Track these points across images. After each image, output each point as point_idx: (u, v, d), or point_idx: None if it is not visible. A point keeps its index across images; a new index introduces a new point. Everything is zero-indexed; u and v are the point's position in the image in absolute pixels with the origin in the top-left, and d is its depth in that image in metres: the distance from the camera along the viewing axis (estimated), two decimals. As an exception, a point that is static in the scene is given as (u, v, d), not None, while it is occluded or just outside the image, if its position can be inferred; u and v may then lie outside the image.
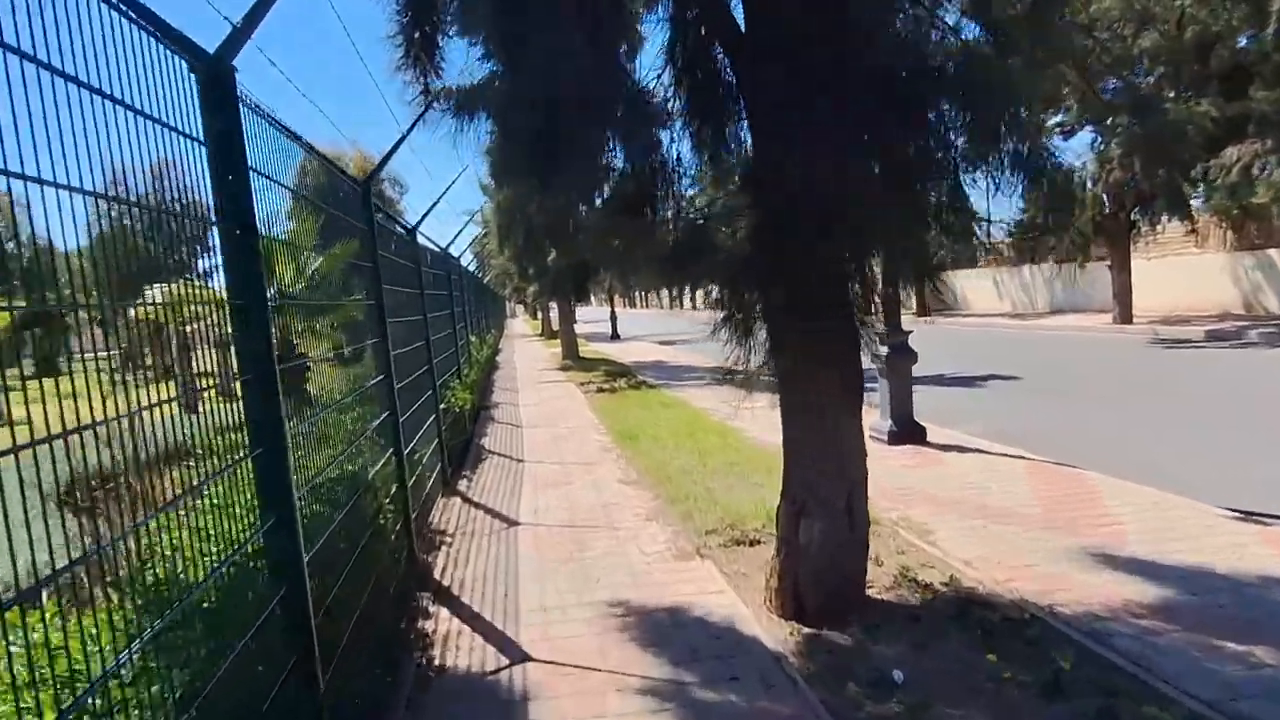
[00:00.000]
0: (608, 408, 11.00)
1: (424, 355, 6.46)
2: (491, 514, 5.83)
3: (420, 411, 5.93)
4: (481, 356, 14.29)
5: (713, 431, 8.53)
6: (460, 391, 8.08)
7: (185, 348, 2.15)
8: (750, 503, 5.56)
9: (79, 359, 1.67)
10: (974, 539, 4.76)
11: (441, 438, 6.61)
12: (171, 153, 1.91)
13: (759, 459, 6.97)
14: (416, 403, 5.65)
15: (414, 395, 5.79)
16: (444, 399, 7.49)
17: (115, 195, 1.68)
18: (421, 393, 6.14)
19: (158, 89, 1.85)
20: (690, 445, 7.82)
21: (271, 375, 2.27)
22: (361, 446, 3.74)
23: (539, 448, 8.43)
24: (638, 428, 9.03)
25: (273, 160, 2.64)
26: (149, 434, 1.68)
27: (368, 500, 3.50)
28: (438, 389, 6.73)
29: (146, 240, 1.91)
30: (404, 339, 5.86)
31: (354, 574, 3.02)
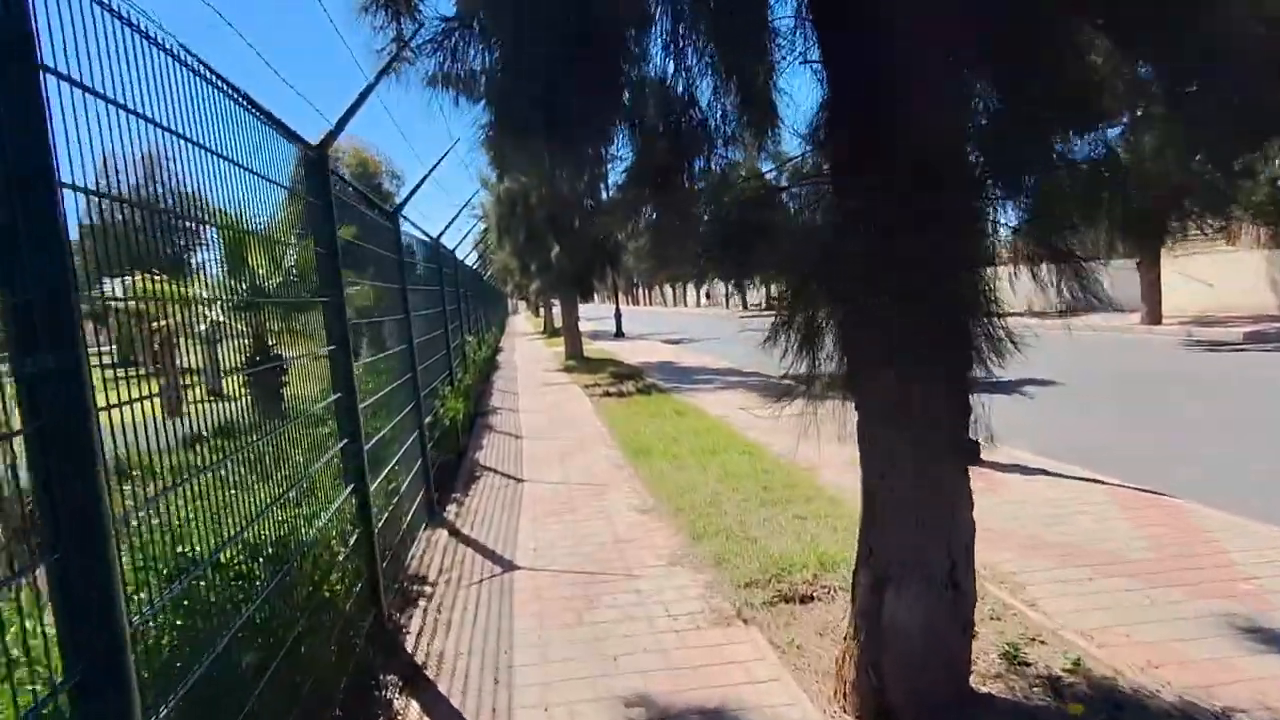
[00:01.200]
0: (616, 415, 10.05)
1: (405, 361, 5.52)
2: (483, 553, 4.89)
3: (399, 430, 5.00)
4: (480, 358, 13.35)
5: (735, 446, 7.58)
6: (452, 401, 7.15)
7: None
8: (794, 542, 4.61)
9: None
10: (1084, 598, 3.80)
11: (426, 457, 5.67)
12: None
13: (795, 482, 6.02)
14: (392, 421, 4.71)
15: (390, 411, 4.86)
16: (432, 410, 6.55)
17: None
18: (401, 407, 5.20)
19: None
20: (711, 463, 6.87)
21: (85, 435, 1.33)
22: (300, 488, 2.80)
23: (541, 464, 7.48)
24: (651, 440, 8.08)
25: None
26: None
27: (304, 573, 2.56)
28: (423, 400, 5.79)
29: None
30: (378, 343, 4.91)
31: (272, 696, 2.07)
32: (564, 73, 2.68)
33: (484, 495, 6.36)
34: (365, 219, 4.56)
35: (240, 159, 2.61)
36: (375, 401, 4.45)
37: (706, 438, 8.07)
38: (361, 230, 4.47)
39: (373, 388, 4.59)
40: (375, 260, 5.28)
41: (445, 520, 5.65)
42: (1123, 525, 4.83)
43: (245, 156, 2.67)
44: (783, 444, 7.63)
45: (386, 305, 5.30)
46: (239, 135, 2.61)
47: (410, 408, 5.51)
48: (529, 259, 18.81)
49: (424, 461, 5.64)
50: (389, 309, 5.34)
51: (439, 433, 6.71)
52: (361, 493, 3.54)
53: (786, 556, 4.35)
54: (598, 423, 9.73)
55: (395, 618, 3.84)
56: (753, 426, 8.86)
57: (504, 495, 6.30)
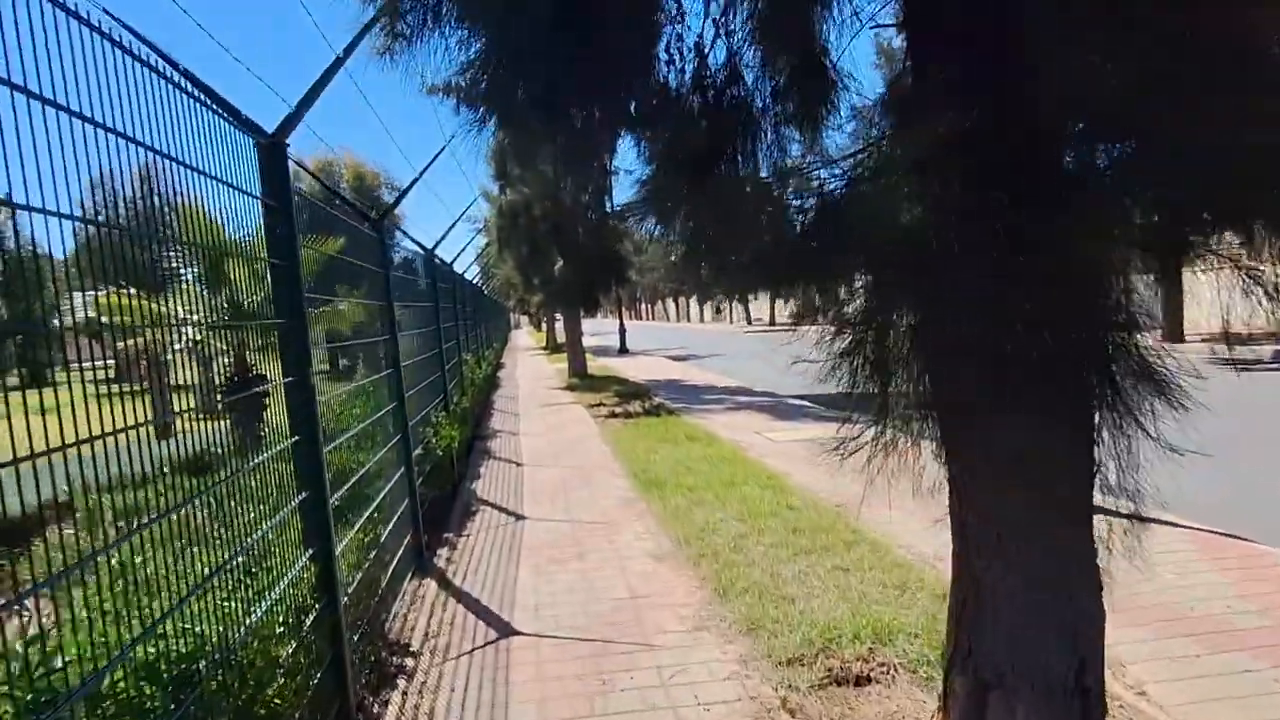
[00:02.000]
0: (624, 440, 9.40)
1: (391, 389, 4.89)
2: (477, 611, 4.22)
3: (382, 467, 4.36)
4: (479, 377, 12.72)
5: (754, 476, 6.92)
6: (446, 428, 6.51)
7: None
8: (839, 603, 3.95)
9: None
10: (1201, 684, 3.14)
11: (415, 496, 5.02)
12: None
13: (827, 522, 5.36)
14: (373, 459, 4.07)
15: (371, 446, 4.22)
16: (423, 441, 5.91)
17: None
18: (385, 441, 4.57)
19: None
20: (731, 497, 6.21)
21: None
22: (235, 566, 2.16)
23: (543, 496, 6.83)
24: (663, 470, 7.42)
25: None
26: None
27: (226, 689, 1.91)
28: (412, 430, 5.15)
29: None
30: (360, 369, 4.29)
31: None
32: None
33: (480, 536, 5.70)
34: (338, 224, 3.94)
35: (165, 147, 2.00)
36: (351, 438, 3.82)
37: (723, 467, 7.41)
38: (338, 239, 3.86)
39: (348, 422, 3.95)
40: (355, 275, 4.67)
41: (435, 568, 4.99)
42: (1217, 581, 4.17)
43: (173, 145, 2.06)
44: (805, 475, 6.99)
45: (368, 326, 4.68)
46: (169, 119, 2.01)
47: (396, 440, 4.87)
48: (531, 272, 18.24)
49: (412, 501, 4.99)
50: (372, 330, 4.73)
51: (431, 464, 6.07)
52: (324, 557, 2.89)
53: (833, 624, 3.69)
54: (604, 448, 9.07)
55: (367, 703, 3.18)
56: (770, 453, 8.21)
57: (502, 536, 5.64)
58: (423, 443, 5.82)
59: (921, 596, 3.99)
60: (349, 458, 3.78)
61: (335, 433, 3.48)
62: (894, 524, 5.35)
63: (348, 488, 3.49)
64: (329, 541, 2.93)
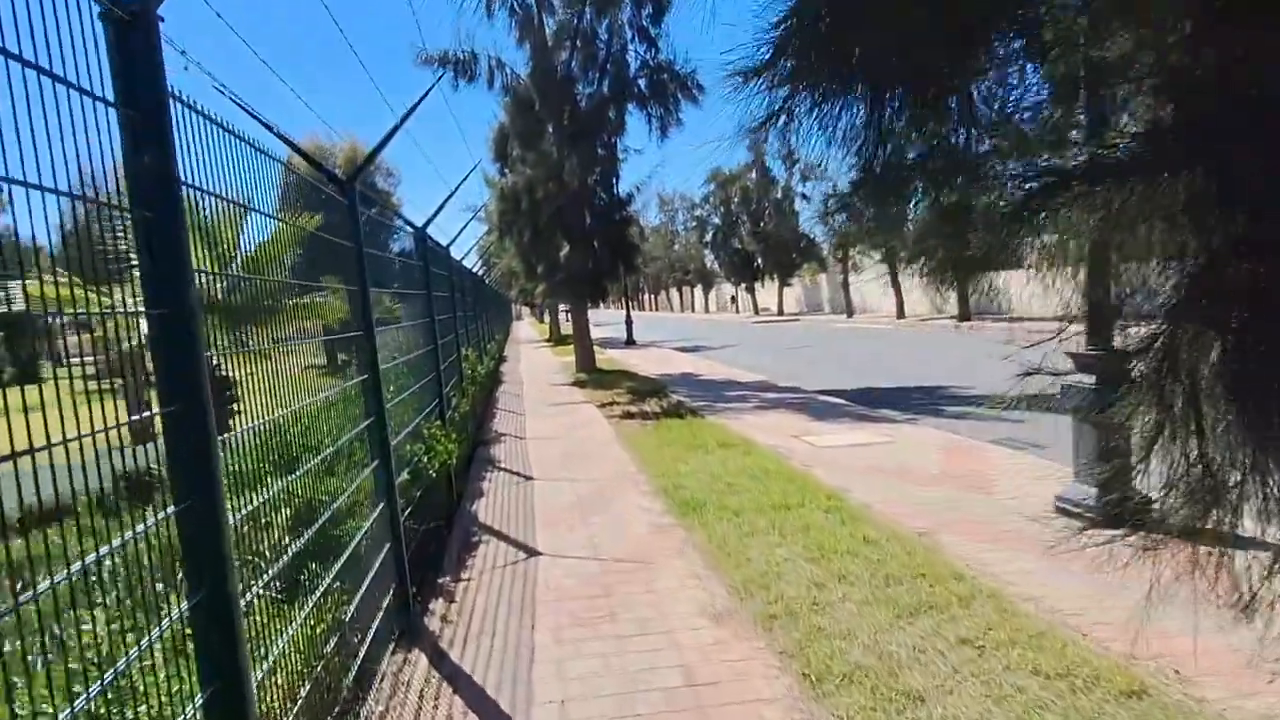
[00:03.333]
0: (646, 446, 8.27)
1: (366, 400, 3.75)
2: (482, 713, 3.10)
3: (350, 507, 3.24)
4: (481, 373, 11.58)
5: (811, 496, 5.79)
6: (442, 442, 5.38)
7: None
8: (993, 709, 2.82)
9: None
10: None
11: (400, 538, 3.89)
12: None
13: (922, 564, 4.23)
14: (335, 504, 2.94)
15: (336, 480, 3.10)
16: (411, 460, 4.78)
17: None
18: (356, 470, 3.44)
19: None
20: (788, 525, 5.09)
21: None
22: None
23: (559, 521, 5.70)
24: (698, 485, 6.30)
25: None
26: None
27: None
28: (394, 453, 4.01)
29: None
30: (319, 378, 3.17)
31: None
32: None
33: (484, 580, 4.58)
34: (269, 171, 2.78)
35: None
36: (299, 478, 2.69)
37: (769, 482, 6.28)
38: (274, 197, 2.72)
39: (298, 454, 2.82)
40: (312, 251, 3.54)
41: (425, 632, 3.87)
42: None
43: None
44: (867, 491, 5.88)
45: (332, 317, 3.55)
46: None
47: (374, 467, 3.74)
48: (535, 260, 17.07)
49: (396, 544, 3.87)
50: (337, 325, 3.60)
51: (423, 488, 4.94)
52: (232, 693, 1.77)
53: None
54: (623, 456, 7.95)
55: None
56: (816, 462, 7.08)
57: (512, 581, 4.51)
58: (411, 464, 4.69)
59: (1098, 696, 2.86)
60: (295, 508, 2.65)
61: (264, 476, 2.35)
62: (999, 561, 4.24)
63: (290, 557, 2.37)
64: (239, 660, 1.80)
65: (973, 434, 8.46)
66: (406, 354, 5.31)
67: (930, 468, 6.74)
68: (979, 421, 9.44)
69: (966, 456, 7.14)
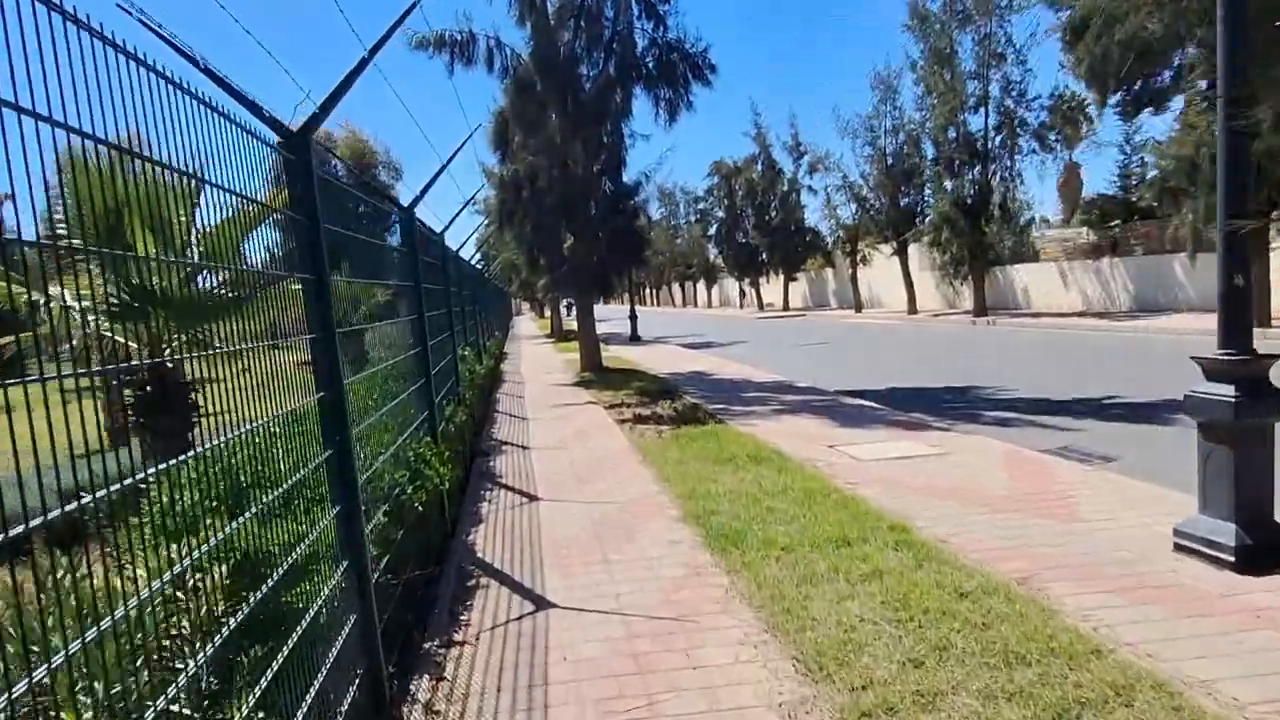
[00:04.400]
0: (666, 457, 7.33)
1: (328, 425, 2.82)
2: None
3: (303, 572, 2.31)
4: (480, 374, 10.64)
5: (871, 526, 4.87)
6: (433, 465, 4.46)
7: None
8: None
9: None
10: None
11: (370, 602, 2.96)
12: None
13: (1049, 636, 3.30)
14: (272, 569, 2.01)
15: (271, 550, 2.18)
16: (391, 492, 3.85)
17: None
18: (313, 517, 2.52)
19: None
20: (856, 567, 4.17)
21: None
22: None
23: (573, 557, 4.78)
24: (733, 511, 5.38)
25: None
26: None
27: None
28: (363, 494, 3.08)
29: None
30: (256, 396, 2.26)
31: None
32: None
33: (482, 647, 3.64)
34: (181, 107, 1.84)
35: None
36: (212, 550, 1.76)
37: (817, 508, 5.35)
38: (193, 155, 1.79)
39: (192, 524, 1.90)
40: (267, 232, 2.62)
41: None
42: None
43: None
44: (936, 522, 4.96)
45: (270, 312, 2.63)
46: None
47: (336, 514, 2.82)
48: (537, 252, 16.10)
49: (364, 615, 2.94)
50: (285, 324, 2.67)
51: (407, 525, 4.00)
52: None
53: None
54: (641, 470, 7.02)
55: None
56: (864, 479, 6.17)
57: (518, 649, 3.58)
58: (392, 499, 3.75)
59: None
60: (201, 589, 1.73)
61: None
62: (1134, 622, 3.31)
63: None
64: None
65: (1023, 442, 7.55)
66: (388, 358, 4.37)
67: (995, 487, 5.82)
68: (1026, 429, 8.53)
69: (1033, 473, 6.21)
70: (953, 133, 26.97)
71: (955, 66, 26.71)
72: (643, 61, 15.56)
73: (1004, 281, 29.77)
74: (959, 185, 26.94)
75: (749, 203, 45.61)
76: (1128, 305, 24.29)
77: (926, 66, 27.80)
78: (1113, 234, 26.32)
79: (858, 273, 37.89)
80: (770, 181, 44.15)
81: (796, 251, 44.05)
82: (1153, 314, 21.88)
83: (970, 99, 26.39)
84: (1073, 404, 9.97)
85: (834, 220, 37.61)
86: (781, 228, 43.79)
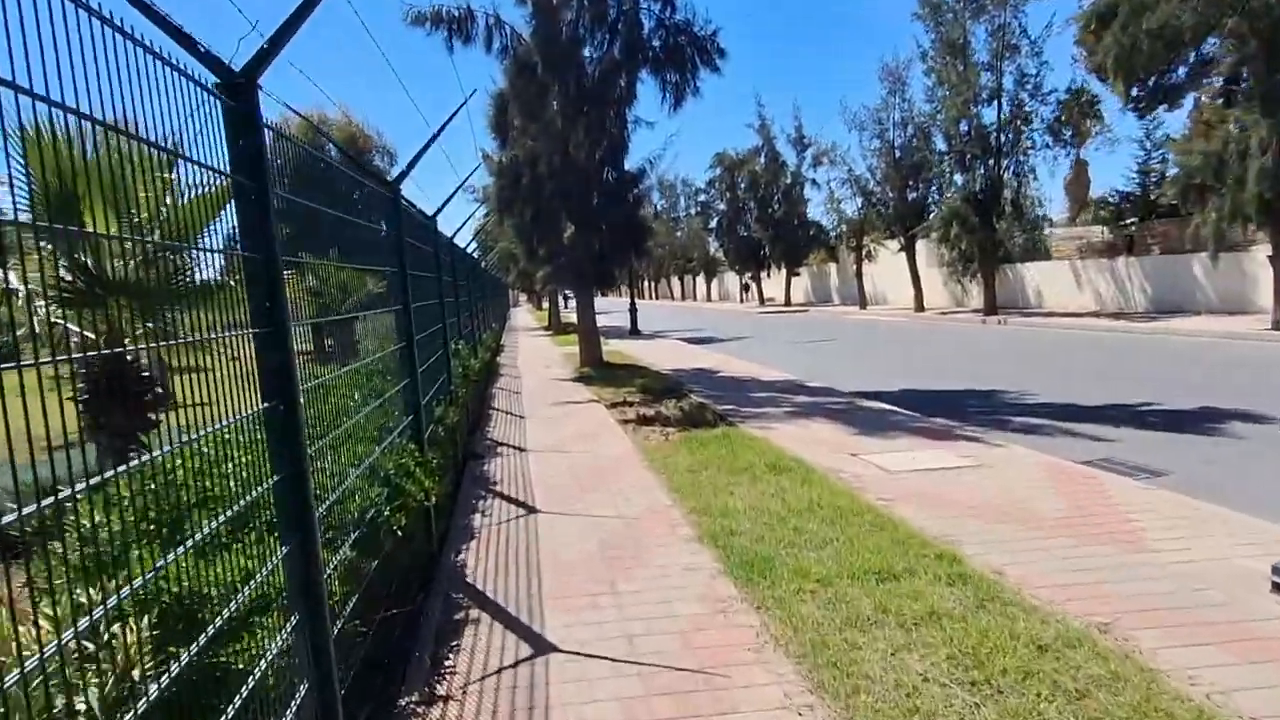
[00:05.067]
0: (675, 466, 6.73)
1: (278, 450, 2.22)
2: None
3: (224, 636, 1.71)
4: (476, 367, 10.02)
5: (915, 554, 4.28)
6: (417, 478, 3.86)
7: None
8: None
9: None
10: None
11: (330, 673, 2.36)
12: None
13: (1144, 696, 2.72)
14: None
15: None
16: (369, 510, 3.24)
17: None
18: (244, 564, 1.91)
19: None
20: (907, 607, 3.58)
21: None
22: None
23: (576, 593, 4.18)
24: (757, 532, 4.78)
25: None
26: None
27: None
28: (313, 536, 2.48)
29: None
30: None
31: None
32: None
33: (469, 706, 3.04)
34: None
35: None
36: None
37: (848, 528, 4.77)
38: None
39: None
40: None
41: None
42: None
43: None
44: (980, 543, 4.38)
45: (189, 302, 2.03)
46: None
47: (288, 556, 2.22)
48: (537, 242, 15.46)
49: (323, 672, 2.34)
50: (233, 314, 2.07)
51: (382, 554, 3.39)
52: None
53: None
54: (649, 479, 6.42)
55: None
56: (898, 495, 5.58)
57: (513, 712, 2.98)
58: (364, 523, 3.14)
59: None
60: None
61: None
62: (1251, 688, 2.72)
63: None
64: None
65: (1059, 452, 6.98)
66: (368, 355, 3.76)
67: (1047, 507, 5.23)
68: (1060, 437, 7.96)
69: (1083, 490, 5.63)
70: (965, 126, 26.29)
71: (968, 57, 26.03)
72: (649, 44, 14.89)
73: (1014, 279, 29.16)
74: (970, 179, 26.29)
75: (751, 195, 44.90)
76: (1144, 306, 23.70)
77: (938, 57, 27.10)
78: (1129, 232, 25.74)
79: (862, 268, 37.26)
80: (773, 174, 43.43)
81: (799, 246, 43.39)
82: (1170, 315, 21.30)
83: (983, 91, 25.72)
84: (1105, 410, 9.39)
85: (837, 214, 36.97)
86: (784, 221, 43.12)
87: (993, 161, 26.01)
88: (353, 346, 3.72)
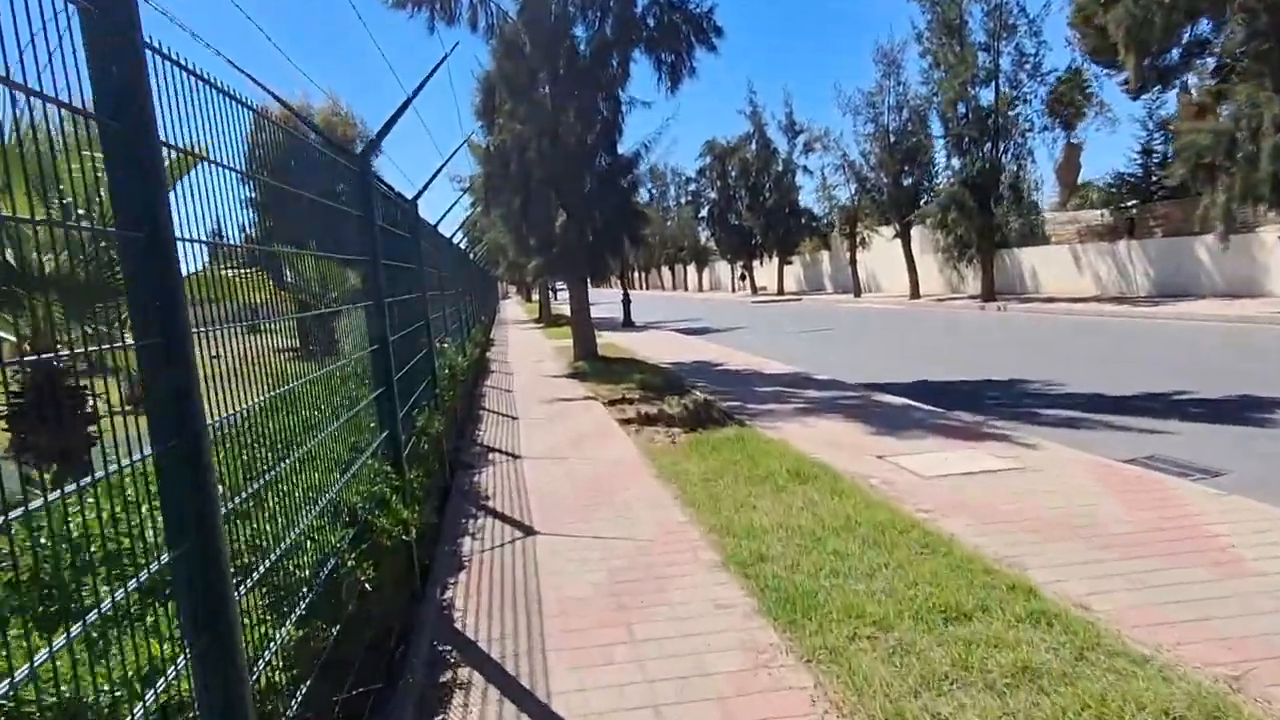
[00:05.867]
0: (688, 475, 6.07)
1: (188, 503, 1.54)
2: None
3: None
4: (464, 365, 9.32)
5: (987, 588, 3.65)
6: (394, 508, 3.19)
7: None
8: None
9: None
10: None
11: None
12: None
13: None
14: None
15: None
16: (326, 563, 2.56)
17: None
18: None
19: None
20: (995, 663, 2.95)
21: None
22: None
23: (586, 644, 3.52)
24: (792, 559, 4.13)
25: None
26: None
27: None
28: (233, 636, 1.81)
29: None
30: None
31: None
32: None
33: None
34: None
35: None
36: None
37: (899, 552, 4.12)
38: None
39: None
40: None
41: None
42: None
43: None
44: (1050, 567, 3.76)
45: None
46: None
47: (196, 659, 1.54)
48: (527, 231, 14.72)
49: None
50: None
51: (342, 617, 2.72)
52: None
53: None
54: (660, 492, 5.76)
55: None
56: (936, 506, 4.96)
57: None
58: (318, 588, 2.45)
59: None
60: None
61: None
62: None
63: None
64: None
65: (1100, 449, 6.40)
66: (331, 362, 3.07)
67: (1108, 517, 4.62)
68: (1098, 431, 7.39)
69: (1148, 497, 5.01)
70: (962, 108, 25.68)
71: (965, 38, 25.39)
72: (643, 21, 14.15)
73: (1011, 264, 28.65)
74: (968, 163, 25.70)
75: (743, 183, 44.19)
76: (1146, 290, 23.22)
77: (934, 37, 26.46)
78: (1130, 215, 25.26)
79: (856, 256, 36.67)
80: (765, 162, 42.74)
81: (791, 234, 42.77)
82: (1174, 299, 20.81)
83: (980, 72, 25.10)
84: (1136, 401, 8.82)
85: (829, 202, 36.35)
86: (776, 209, 42.47)
87: (990, 145, 25.42)
88: (309, 353, 3.02)
